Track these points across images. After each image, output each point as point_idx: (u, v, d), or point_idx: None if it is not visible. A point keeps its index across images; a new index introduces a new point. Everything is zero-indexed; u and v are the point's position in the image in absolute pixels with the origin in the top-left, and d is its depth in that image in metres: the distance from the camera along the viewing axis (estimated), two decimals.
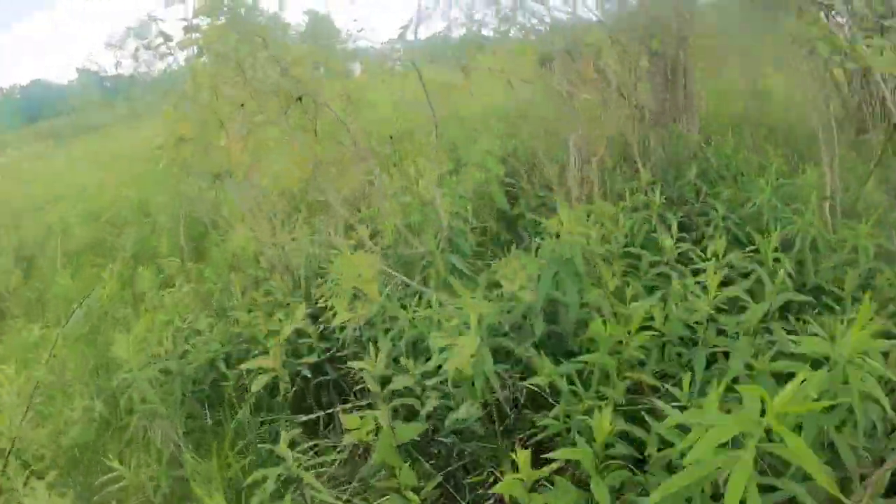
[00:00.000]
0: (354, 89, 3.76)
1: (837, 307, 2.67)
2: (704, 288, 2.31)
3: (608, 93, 3.94)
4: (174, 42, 3.47)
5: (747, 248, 2.99)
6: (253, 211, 3.55)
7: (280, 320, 3.23)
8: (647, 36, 4.55)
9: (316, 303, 3.16)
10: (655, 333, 2.28)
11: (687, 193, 3.79)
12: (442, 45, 4.24)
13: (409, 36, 4.38)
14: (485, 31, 4.04)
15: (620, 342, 2.25)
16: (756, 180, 3.98)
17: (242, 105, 3.67)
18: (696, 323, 2.33)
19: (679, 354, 2.36)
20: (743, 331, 2.29)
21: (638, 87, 4.50)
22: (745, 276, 2.79)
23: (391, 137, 4.58)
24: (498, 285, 2.63)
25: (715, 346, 2.27)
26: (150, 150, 4.51)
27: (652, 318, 2.32)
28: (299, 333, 3.22)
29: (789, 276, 2.76)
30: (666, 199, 3.66)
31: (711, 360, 2.27)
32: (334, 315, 2.81)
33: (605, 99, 4.01)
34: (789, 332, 2.26)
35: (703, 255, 2.83)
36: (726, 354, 2.26)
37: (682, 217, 3.67)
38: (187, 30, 3.28)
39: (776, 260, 2.84)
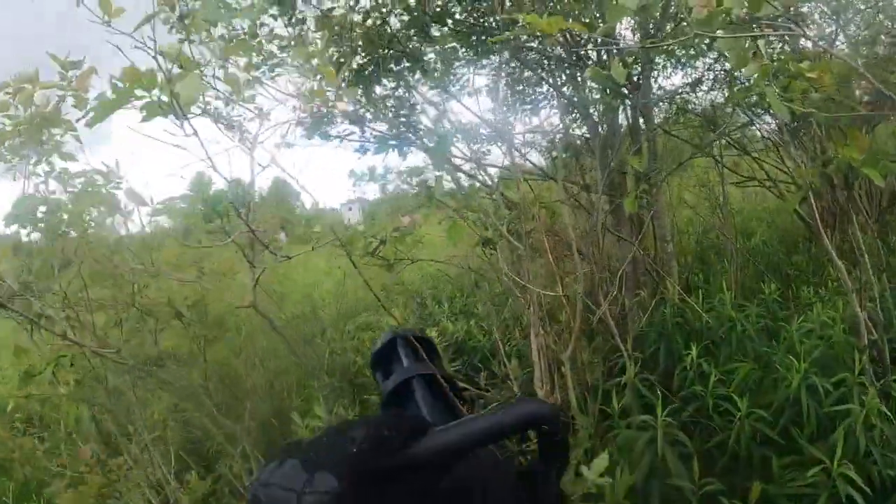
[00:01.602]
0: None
1: None
2: None
3: (570, 263, 3.21)
4: None
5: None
6: None
7: None
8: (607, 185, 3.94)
9: None
10: None
11: (689, 384, 2.93)
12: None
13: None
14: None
15: None
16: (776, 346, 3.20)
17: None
18: None
19: None
20: None
21: (602, 243, 3.77)
22: None
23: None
24: None
25: None
26: None
27: None
28: None
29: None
30: (663, 390, 2.82)
31: None
32: None
33: (566, 269, 3.28)
34: None
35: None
36: None
37: (690, 417, 2.83)
38: None
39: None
